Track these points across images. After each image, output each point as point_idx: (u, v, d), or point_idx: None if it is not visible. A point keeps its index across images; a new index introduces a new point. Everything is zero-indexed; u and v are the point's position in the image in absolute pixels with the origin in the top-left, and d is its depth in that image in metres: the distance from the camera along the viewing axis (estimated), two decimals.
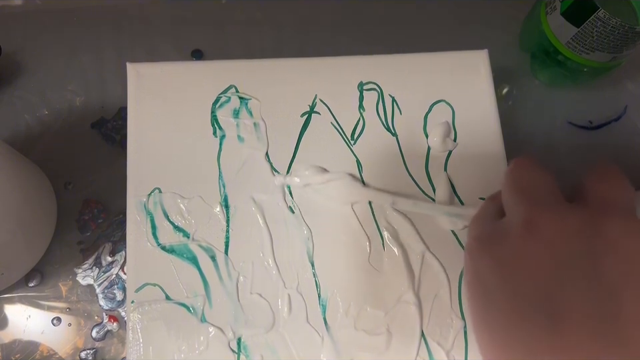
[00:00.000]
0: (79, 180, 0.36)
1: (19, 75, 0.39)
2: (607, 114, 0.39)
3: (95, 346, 0.33)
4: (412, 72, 0.32)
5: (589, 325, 0.17)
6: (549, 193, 0.20)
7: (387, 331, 0.27)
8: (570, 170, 0.37)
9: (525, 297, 0.18)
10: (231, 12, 0.41)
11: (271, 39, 0.41)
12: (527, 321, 0.18)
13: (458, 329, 0.27)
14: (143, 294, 0.28)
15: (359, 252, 0.29)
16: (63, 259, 0.35)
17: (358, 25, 0.41)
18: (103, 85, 0.39)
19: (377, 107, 0.31)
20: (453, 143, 0.30)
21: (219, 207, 0.29)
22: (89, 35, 0.40)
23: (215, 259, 0.28)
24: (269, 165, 0.30)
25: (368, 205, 0.29)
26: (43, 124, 0.38)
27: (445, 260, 0.29)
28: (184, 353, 0.27)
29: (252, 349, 0.27)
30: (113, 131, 0.37)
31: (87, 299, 0.34)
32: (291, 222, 0.29)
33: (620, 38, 0.32)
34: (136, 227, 0.29)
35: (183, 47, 0.40)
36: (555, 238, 0.18)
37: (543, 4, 0.36)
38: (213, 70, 0.31)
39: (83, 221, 0.35)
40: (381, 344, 0.27)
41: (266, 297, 0.28)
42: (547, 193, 0.20)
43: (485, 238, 0.21)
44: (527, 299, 0.18)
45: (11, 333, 0.33)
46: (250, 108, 0.31)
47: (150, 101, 0.31)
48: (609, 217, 0.18)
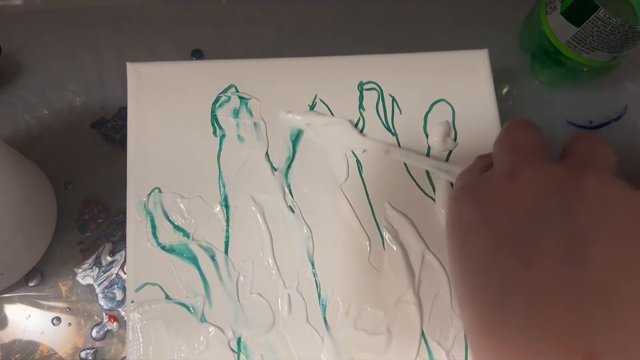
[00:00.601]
0: (79, 180, 0.36)
1: (18, 75, 0.39)
2: (607, 114, 0.39)
3: (94, 346, 0.33)
4: (412, 72, 0.32)
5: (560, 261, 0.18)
6: (536, 148, 0.21)
7: (387, 330, 0.27)
8: None
9: (501, 233, 0.20)
10: (231, 12, 0.41)
11: (271, 39, 0.41)
12: (503, 254, 0.19)
13: (458, 329, 0.27)
14: (142, 294, 0.28)
15: (359, 252, 0.29)
16: (63, 259, 0.35)
17: (358, 24, 0.41)
18: (103, 85, 0.39)
19: (377, 106, 0.31)
20: (453, 143, 0.30)
21: (218, 206, 0.29)
22: (89, 35, 0.40)
23: (214, 259, 0.28)
24: (269, 165, 0.30)
25: (368, 205, 0.29)
26: (43, 124, 0.38)
27: (445, 259, 0.28)
28: (184, 353, 0.27)
29: (252, 348, 0.27)
30: (113, 131, 0.37)
31: (86, 298, 0.34)
32: (291, 221, 0.29)
33: (620, 38, 0.32)
34: (136, 227, 0.29)
35: (183, 47, 0.40)
36: (534, 185, 0.20)
37: (543, 4, 0.36)
38: (212, 70, 0.31)
39: (82, 221, 0.35)
40: (381, 344, 0.27)
41: (266, 297, 0.28)
42: (534, 148, 0.21)
43: (469, 186, 0.22)
44: (504, 235, 0.19)
45: (11, 332, 0.33)
46: (250, 108, 0.31)
47: (150, 101, 0.31)
48: (587, 171, 0.19)
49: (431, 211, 0.29)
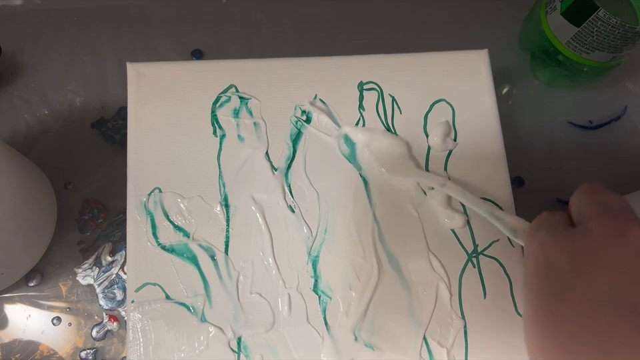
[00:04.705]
0: (79, 180, 0.36)
1: (18, 75, 0.39)
2: (607, 114, 0.39)
3: (95, 345, 0.33)
4: (412, 72, 0.32)
5: None
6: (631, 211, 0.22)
7: (387, 330, 0.27)
8: (570, 169, 0.38)
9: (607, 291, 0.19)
10: (231, 12, 0.41)
11: (271, 39, 0.41)
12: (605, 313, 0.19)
13: (458, 329, 0.27)
14: (143, 293, 0.28)
15: (358, 251, 0.29)
16: (63, 259, 0.35)
17: (358, 24, 0.41)
18: (103, 85, 0.39)
19: (377, 106, 0.31)
20: (453, 143, 0.30)
21: (219, 206, 0.29)
22: (89, 35, 0.40)
23: (215, 259, 0.28)
24: (269, 164, 0.30)
25: (368, 205, 0.29)
26: (43, 124, 0.38)
27: (445, 260, 0.29)
28: (184, 353, 0.27)
29: (252, 348, 0.27)
30: (113, 131, 0.37)
31: (86, 298, 0.34)
32: (291, 221, 0.29)
33: (620, 37, 0.32)
34: (136, 227, 0.29)
35: (183, 47, 0.40)
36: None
37: (543, 4, 0.36)
38: (212, 70, 0.31)
39: (82, 221, 0.35)
40: (381, 344, 0.27)
41: (266, 297, 0.28)
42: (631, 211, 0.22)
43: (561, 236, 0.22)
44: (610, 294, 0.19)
45: (11, 332, 0.33)
46: (250, 107, 0.31)
47: (150, 101, 0.31)
48: None
49: (431, 212, 0.29)
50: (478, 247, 0.29)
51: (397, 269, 0.28)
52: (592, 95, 0.39)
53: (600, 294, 0.19)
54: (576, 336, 0.19)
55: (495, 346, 0.27)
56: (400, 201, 0.29)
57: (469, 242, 0.29)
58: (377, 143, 0.30)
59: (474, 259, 0.29)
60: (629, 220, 0.21)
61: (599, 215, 0.22)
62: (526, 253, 0.24)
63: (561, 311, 0.20)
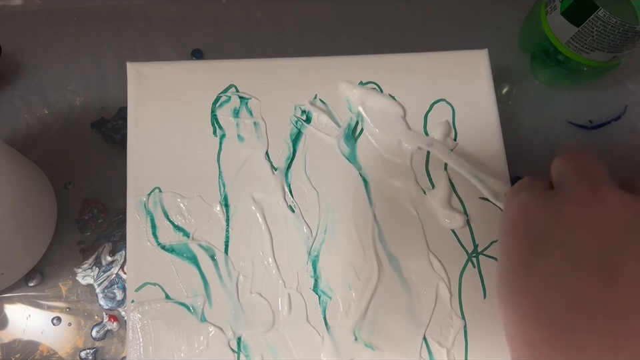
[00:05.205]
0: (79, 180, 0.36)
1: (18, 75, 0.39)
2: (607, 114, 0.39)
3: (94, 345, 0.33)
4: (412, 72, 0.32)
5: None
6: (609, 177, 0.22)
7: (387, 330, 0.27)
8: None
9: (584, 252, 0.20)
10: (231, 12, 0.41)
11: (271, 39, 0.41)
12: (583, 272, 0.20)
13: (458, 329, 0.27)
14: (143, 293, 0.28)
15: (358, 251, 0.29)
16: (63, 258, 0.35)
17: (358, 24, 0.41)
18: (103, 85, 0.39)
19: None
20: (453, 142, 0.30)
21: (218, 206, 0.29)
22: (89, 35, 0.40)
23: (214, 259, 0.28)
24: (269, 164, 0.30)
25: (368, 204, 0.29)
26: (43, 124, 0.38)
27: (445, 260, 0.28)
28: (184, 353, 0.27)
29: (252, 348, 0.27)
30: (112, 131, 0.37)
31: (86, 298, 0.34)
32: (291, 221, 0.29)
33: (620, 37, 0.32)
34: (136, 227, 0.29)
35: (183, 47, 0.40)
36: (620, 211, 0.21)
37: (543, 4, 0.36)
38: (212, 70, 0.31)
39: (82, 221, 0.35)
40: (381, 344, 0.27)
41: (266, 297, 0.28)
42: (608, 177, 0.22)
43: (541, 196, 0.23)
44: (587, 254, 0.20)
45: (10, 332, 0.33)
46: (250, 107, 0.31)
47: (150, 101, 0.31)
48: None
49: (431, 212, 0.29)
50: (478, 247, 0.29)
51: (397, 269, 0.28)
52: (592, 94, 0.39)
53: (575, 250, 0.20)
54: (549, 287, 0.20)
55: (494, 346, 0.27)
56: (400, 201, 0.29)
57: (469, 242, 0.29)
58: (371, 101, 0.31)
59: (474, 259, 0.29)
60: (606, 184, 0.22)
61: (578, 178, 0.23)
62: (504, 212, 0.25)
63: (537, 264, 0.21)
